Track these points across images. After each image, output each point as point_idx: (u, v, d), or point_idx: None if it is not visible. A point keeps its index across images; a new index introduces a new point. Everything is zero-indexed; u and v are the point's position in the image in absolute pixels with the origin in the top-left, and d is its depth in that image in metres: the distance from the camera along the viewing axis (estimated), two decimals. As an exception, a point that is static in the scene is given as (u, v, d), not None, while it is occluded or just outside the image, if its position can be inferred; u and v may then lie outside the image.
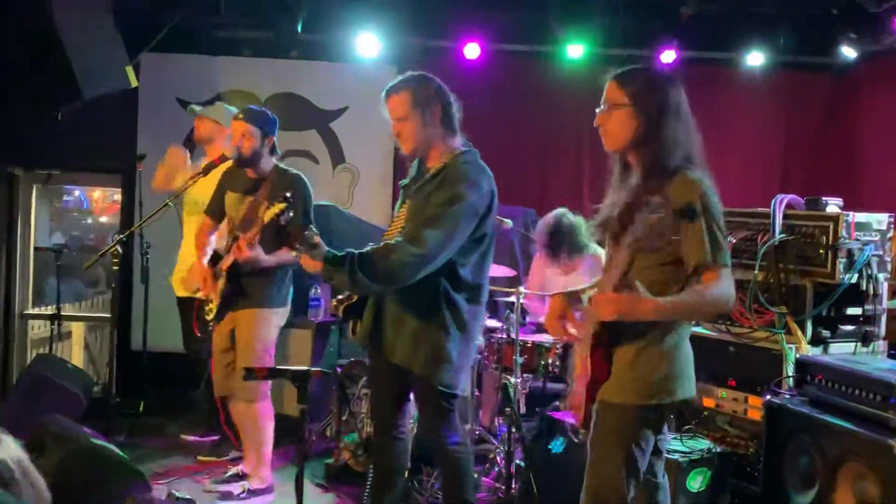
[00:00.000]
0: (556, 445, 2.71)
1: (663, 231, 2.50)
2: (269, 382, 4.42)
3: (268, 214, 3.53)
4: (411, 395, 3.59)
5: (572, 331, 2.87)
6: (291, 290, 4.50)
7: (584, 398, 2.69)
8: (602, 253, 3.51)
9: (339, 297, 3.49)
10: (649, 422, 2.67)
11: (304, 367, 2.79)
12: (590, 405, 2.69)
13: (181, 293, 5.15)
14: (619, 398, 2.64)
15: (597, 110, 2.73)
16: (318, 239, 3.02)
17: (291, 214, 3.44)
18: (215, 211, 4.52)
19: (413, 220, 3.24)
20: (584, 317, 2.76)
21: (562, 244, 5.14)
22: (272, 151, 4.39)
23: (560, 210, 5.25)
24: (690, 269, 2.54)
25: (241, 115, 4.34)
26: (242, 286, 4.29)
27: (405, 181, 3.52)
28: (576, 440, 3.88)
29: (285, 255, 4.21)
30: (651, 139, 2.61)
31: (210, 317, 4.37)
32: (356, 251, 3.10)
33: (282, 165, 4.45)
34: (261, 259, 4.15)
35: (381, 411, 3.59)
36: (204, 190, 4.67)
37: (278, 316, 4.40)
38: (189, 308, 4.97)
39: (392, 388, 3.53)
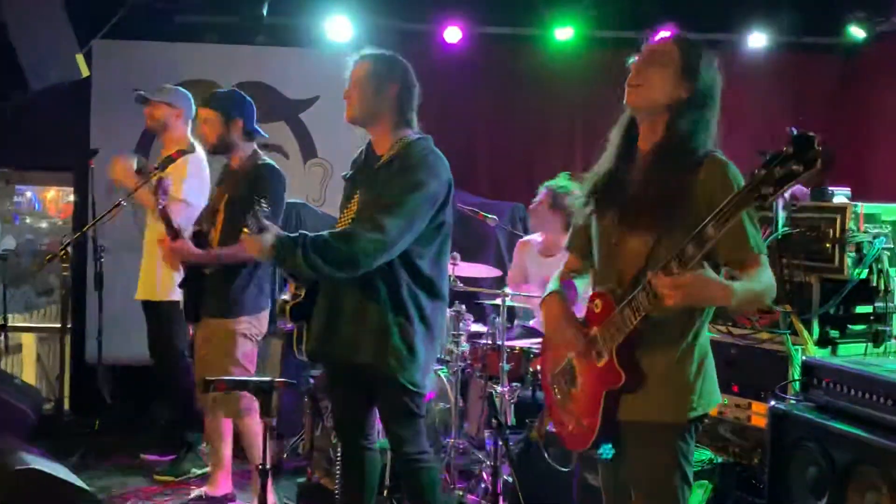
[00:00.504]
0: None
1: (696, 217, 2.35)
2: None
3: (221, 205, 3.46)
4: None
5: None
6: (267, 292, 4.35)
7: (597, 413, 2.57)
8: None
9: (285, 296, 3.47)
10: (693, 435, 2.63)
11: (267, 378, 2.76)
12: (607, 420, 2.58)
13: (142, 297, 5.09)
14: (667, 416, 2.56)
15: (630, 60, 2.66)
16: (266, 221, 3.07)
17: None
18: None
19: (370, 208, 3.24)
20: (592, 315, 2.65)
21: (565, 205, 4.99)
22: (248, 136, 4.27)
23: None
24: (725, 258, 2.48)
25: (201, 102, 4.29)
26: (205, 287, 4.23)
27: (348, 173, 3.53)
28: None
29: (230, 251, 4.10)
30: (690, 112, 2.58)
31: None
32: (309, 233, 3.13)
33: (258, 152, 4.33)
34: (188, 252, 4.13)
35: (346, 421, 3.56)
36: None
37: (246, 325, 4.25)
38: (155, 311, 4.95)
39: (356, 394, 3.49)
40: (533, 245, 5.40)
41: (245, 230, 3.06)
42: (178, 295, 4.84)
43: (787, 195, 3.91)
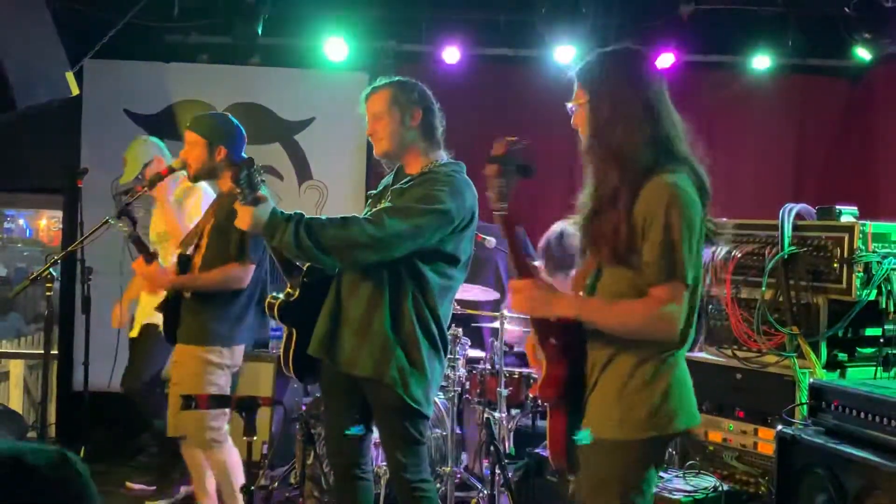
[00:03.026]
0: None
1: (626, 240, 2.43)
2: (226, 426, 4.25)
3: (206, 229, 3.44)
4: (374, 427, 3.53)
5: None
6: (248, 326, 4.20)
7: (559, 430, 2.58)
8: None
9: (276, 294, 3.42)
10: (649, 458, 2.57)
11: (250, 395, 2.71)
12: (554, 434, 2.60)
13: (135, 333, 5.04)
14: (612, 433, 2.53)
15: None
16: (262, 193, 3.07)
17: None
18: None
19: (381, 207, 3.26)
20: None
21: (569, 258, 5.01)
22: (232, 164, 4.24)
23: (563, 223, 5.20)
24: (643, 282, 2.46)
25: (187, 123, 4.27)
26: (180, 313, 4.17)
27: (374, 191, 3.51)
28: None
29: (207, 278, 4.07)
30: (609, 136, 2.53)
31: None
32: (307, 214, 3.13)
33: None
34: (160, 278, 4.13)
35: (341, 446, 3.49)
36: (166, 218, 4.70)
37: (217, 355, 4.09)
38: (137, 342, 4.88)
39: (352, 413, 3.44)
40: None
41: (238, 200, 3.02)
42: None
43: (791, 213, 3.88)
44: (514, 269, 2.57)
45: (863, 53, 6.58)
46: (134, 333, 5.09)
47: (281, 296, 3.42)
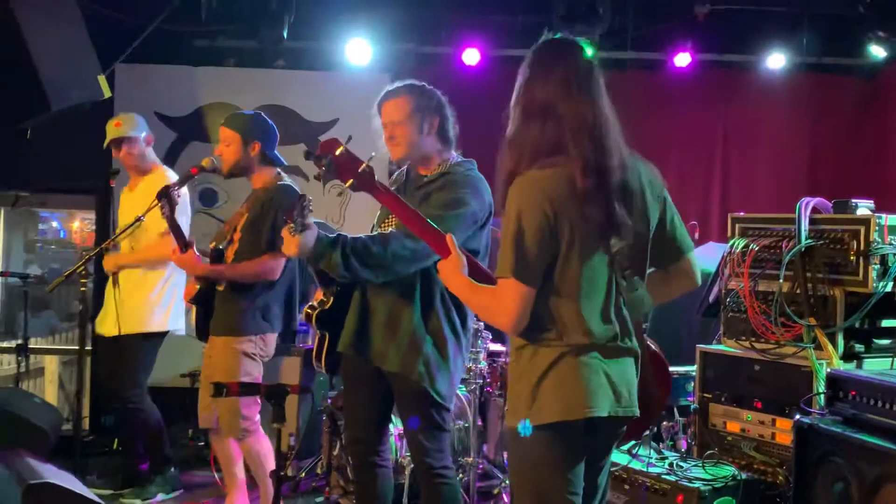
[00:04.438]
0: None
1: None
2: (258, 415, 4.27)
3: (240, 223, 3.47)
4: (395, 417, 3.55)
5: None
6: (277, 314, 4.29)
7: None
8: None
9: (313, 303, 3.45)
10: (535, 445, 2.44)
11: (279, 382, 2.73)
12: None
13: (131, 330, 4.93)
14: (510, 420, 2.51)
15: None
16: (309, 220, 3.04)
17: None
18: None
19: None
20: None
21: None
22: (266, 161, 4.23)
23: None
24: None
25: (222, 121, 4.29)
26: (211, 306, 4.21)
27: None
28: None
29: (242, 269, 4.12)
30: (511, 131, 2.56)
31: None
32: (348, 235, 3.14)
33: (281, 174, 4.30)
34: (195, 266, 4.11)
35: (360, 434, 3.52)
36: (133, 209, 4.75)
37: (250, 345, 4.16)
38: (105, 346, 4.93)
39: (375, 406, 3.48)
40: None
41: (286, 228, 3.01)
42: (168, 324, 4.91)
43: (808, 207, 3.86)
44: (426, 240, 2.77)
45: (877, 51, 6.54)
46: (112, 332, 4.90)
47: (315, 303, 3.46)
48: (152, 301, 4.88)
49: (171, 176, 4.92)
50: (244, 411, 4.12)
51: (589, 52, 2.63)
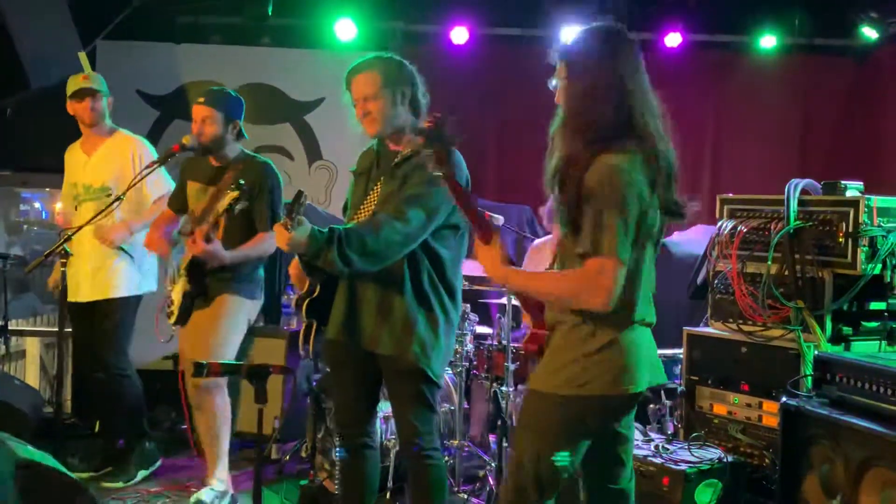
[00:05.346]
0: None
1: (577, 209, 2.51)
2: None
3: (222, 204, 3.48)
4: (382, 398, 3.55)
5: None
6: (262, 286, 4.44)
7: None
8: None
9: (301, 293, 3.43)
10: (574, 414, 2.62)
11: (261, 363, 2.71)
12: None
13: (93, 297, 4.90)
14: (541, 385, 2.65)
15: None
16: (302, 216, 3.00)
17: (245, 204, 3.59)
18: (177, 202, 4.50)
19: (394, 198, 3.23)
20: None
21: None
22: (238, 136, 4.35)
23: None
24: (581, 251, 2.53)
25: (201, 99, 4.28)
26: (206, 285, 4.23)
27: (355, 167, 3.52)
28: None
29: (251, 248, 4.22)
30: (576, 107, 2.60)
31: (172, 319, 4.29)
32: (339, 227, 3.09)
33: (248, 151, 4.42)
34: (219, 254, 4.08)
35: (349, 417, 3.50)
36: (96, 173, 4.76)
37: (247, 306, 4.32)
38: (81, 315, 4.91)
39: (363, 388, 3.46)
40: (547, 245, 5.33)
41: (281, 224, 2.96)
42: (135, 289, 4.88)
43: (797, 188, 3.85)
44: (475, 231, 2.69)
45: (869, 33, 6.54)
46: (90, 298, 4.88)
47: (302, 293, 3.44)
48: (127, 264, 4.86)
49: (139, 140, 4.96)
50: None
51: None
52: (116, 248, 4.79)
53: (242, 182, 3.52)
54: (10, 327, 5.85)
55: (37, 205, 9.78)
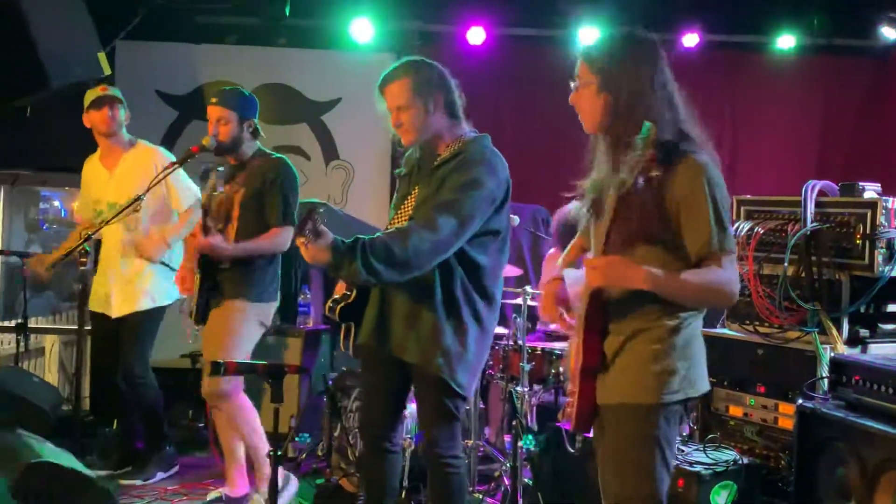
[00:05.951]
0: None
1: (661, 217, 2.51)
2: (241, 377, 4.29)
3: (235, 201, 3.51)
4: (410, 406, 3.54)
5: (567, 318, 2.81)
6: (277, 286, 4.42)
7: (576, 393, 2.64)
8: None
9: (336, 296, 3.43)
10: (675, 420, 2.66)
11: (278, 362, 2.74)
12: (585, 401, 2.64)
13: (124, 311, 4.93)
14: (641, 398, 2.60)
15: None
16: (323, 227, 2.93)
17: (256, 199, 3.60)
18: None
19: (427, 204, 3.20)
20: (579, 298, 2.71)
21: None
22: (254, 135, 4.37)
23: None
24: (693, 255, 2.54)
25: (214, 99, 4.31)
26: (218, 281, 4.25)
27: (401, 170, 3.52)
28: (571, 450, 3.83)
29: (259, 243, 4.22)
30: (623, 118, 2.58)
31: (192, 318, 4.32)
32: (365, 237, 3.02)
33: (264, 149, 4.44)
34: (219, 247, 4.12)
35: (375, 418, 3.51)
36: (121, 189, 4.75)
37: (257, 310, 4.28)
38: (104, 318, 4.93)
39: (391, 393, 3.47)
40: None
41: (301, 237, 2.90)
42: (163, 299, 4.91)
43: (814, 190, 3.85)
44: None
45: (888, 33, 6.51)
46: (120, 313, 4.90)
47: (337, 296, 3.44)
48: (158, 275, 4.90)
49: (160, 151, 5.00)
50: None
51: None
52: (157, 262, 4.83)
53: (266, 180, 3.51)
54: (29, 325, 5.90)
55: (56, 203, 9.84)
